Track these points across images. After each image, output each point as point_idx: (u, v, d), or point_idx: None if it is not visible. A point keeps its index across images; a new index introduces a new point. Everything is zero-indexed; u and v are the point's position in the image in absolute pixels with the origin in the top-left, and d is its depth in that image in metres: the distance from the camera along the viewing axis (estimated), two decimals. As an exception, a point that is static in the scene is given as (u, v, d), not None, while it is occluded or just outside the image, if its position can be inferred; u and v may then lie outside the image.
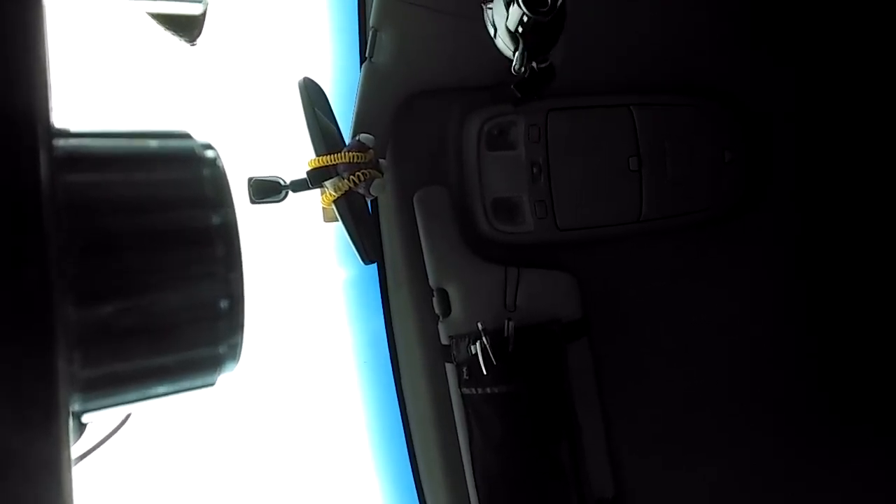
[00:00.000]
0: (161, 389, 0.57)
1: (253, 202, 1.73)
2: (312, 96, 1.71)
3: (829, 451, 2.31)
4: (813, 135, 2.32)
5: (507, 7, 1.24)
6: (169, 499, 2.31)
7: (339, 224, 1.73)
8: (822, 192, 2.33)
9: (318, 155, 1.67)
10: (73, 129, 0.55)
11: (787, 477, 2.27)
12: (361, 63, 1.95)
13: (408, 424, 2.27)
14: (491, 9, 1.39)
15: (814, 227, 2.34)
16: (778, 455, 2.27)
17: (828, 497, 2.27)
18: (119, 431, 0.67)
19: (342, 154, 1.67)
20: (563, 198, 2.08)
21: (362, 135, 1.75)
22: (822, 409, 2.32)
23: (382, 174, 1.77)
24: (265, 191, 1.73)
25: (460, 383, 2.06)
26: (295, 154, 1.79)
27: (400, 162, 2.05)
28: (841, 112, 2.29)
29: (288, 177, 1.73)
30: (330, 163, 1.66)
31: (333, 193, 1.67)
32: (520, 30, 1.17)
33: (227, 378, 0.62)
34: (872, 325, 2.31)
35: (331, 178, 1.67)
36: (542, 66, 1.30)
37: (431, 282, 2.09)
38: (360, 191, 1.70)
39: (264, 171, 1.75)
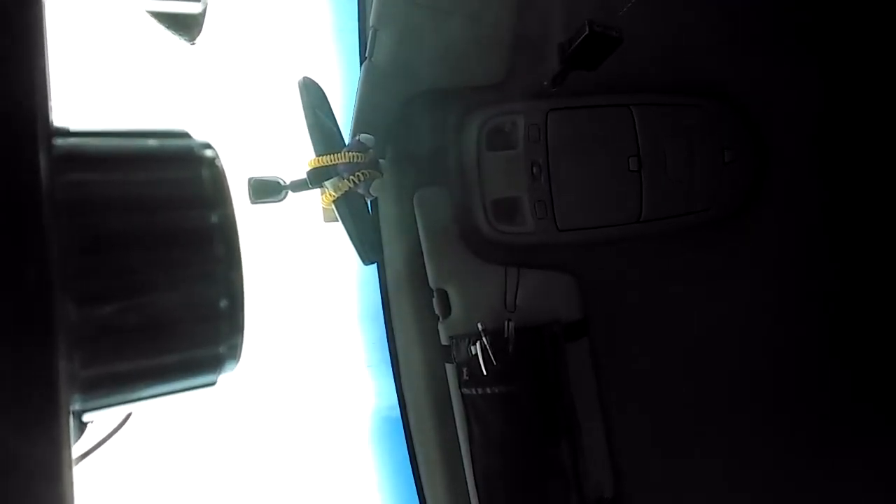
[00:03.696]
0: (161, 389, 0.57)
1: (253, 202, 1.73)
2: (312, 96, 1.71)
3: (830, 450, 2.31)
4: (812, 134, 2.32)
5: None
6: (169, 499, 2.31)
7: (339, 224, 1.73)
8: (823, 191, 2.33)
9: (317, 155, 1.67)
10: (73, 127, 0.55)
11: (787, 477, 2.27)
12: (361, 63, 1.95)
13: (408, 424, 2.27)
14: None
15: (814, 227, 2.34)
16: (778, 454, 2.27)
17: (826, 496, 2.27)
18: (119, 431, 0.66)
19: (342, 154, 1.67)
20: (563, 198, 2.08)
21: (362, 135, 1.75)
22: (822, 408, 2.32)
23: (382, 174, 1.77)
24: (265, 191, 1.73)
25: (460, 384, 2.06)
26: (295, 154, 1.79)
27: (400, 162, 2.05)
28: (840, 111, 2.29)
29: (288, 177, 1.73)
30: (330, 163, 1.67)
31: (333, 193, 1.67)
32: None
33: (228, 378, 0.62)
34: (875, 323, 2.31)
35: (331, 178, 1.67)
36: None
37: (431, 282, 2.08)
38: (360, 191, 1.71)
39: (264, 171, 1.75)
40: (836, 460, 2.29)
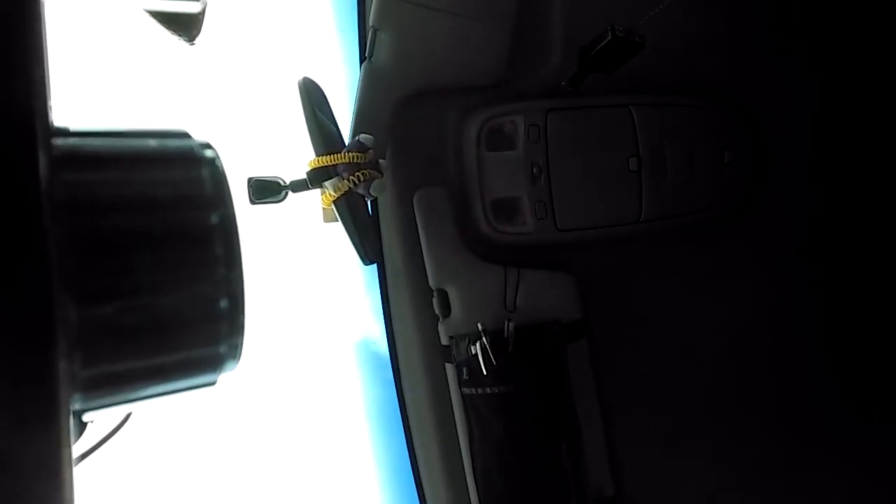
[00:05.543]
0: (161, 389, 0.57)
1: (252, 202, 1.73)
2: (312, 96, 1.71)
3: (830, 450, 2.31)
4: (812, 135, 2.32)
5: None
6: (169, 499, 2.31)
7: (339, 224, 1.72)
8: (822, 191, 2.33)
9: (317, 155, 1.67)
10: (73, 127, 0.55)
11: (786, 476, 2.27)
12: (361, 63, 1.95)
13: (408, 424, 2.27)
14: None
15: (813, 227, 2.34)
16: (778, 453, 2.27)
17: (826, 495, 2.27)
18: (120, 431, 0.66)
19: (342, 154, 1.66)
20: (563, 198, 2.08)
21: (362, 135, 1.75)
22: (821, 406, 2.32)
23: (382, 174, 1.76)
24: (265, 191, 1.73)
25: (460, 383, 2.06)
26: (295, 154, 1.79)
27: (400, 162, 2.05)
28: (840, 112, 2.29)
29: (288, 177, 1.73)
30: (330, 163, 1.66)
31: (333, 194, 1.66)
32: None
33: (228, 378, 0.62)
34: (874, 324, 2.31)
35: (330, 178, 1.67)
36: None
37: (431, 282, 2.08)
38: (360, 191, 1.70)
39: (264, 171, 1.75)
40: (833, 460, 2.29)
